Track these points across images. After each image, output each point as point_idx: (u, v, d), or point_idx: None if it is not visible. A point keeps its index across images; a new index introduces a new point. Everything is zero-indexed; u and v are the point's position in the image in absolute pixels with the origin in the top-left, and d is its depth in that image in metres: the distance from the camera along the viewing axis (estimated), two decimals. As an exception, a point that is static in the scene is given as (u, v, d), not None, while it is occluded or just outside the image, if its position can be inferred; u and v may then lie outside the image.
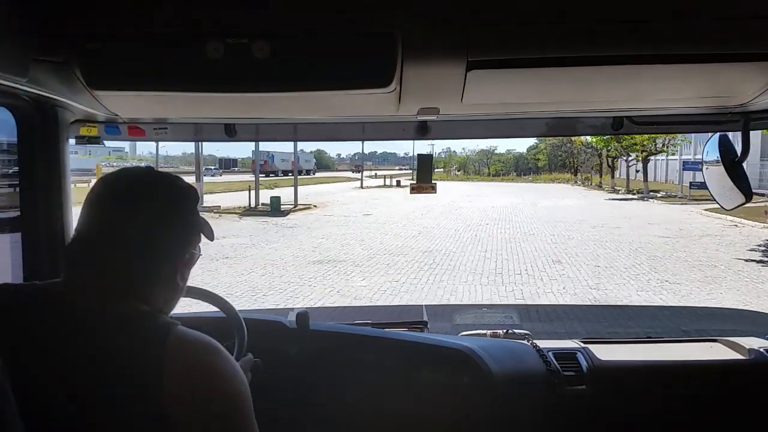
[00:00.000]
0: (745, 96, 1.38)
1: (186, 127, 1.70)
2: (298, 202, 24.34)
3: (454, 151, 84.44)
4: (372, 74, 1.07)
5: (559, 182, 56.18)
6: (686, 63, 1.11)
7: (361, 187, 43.66)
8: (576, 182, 52.44)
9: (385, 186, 46.12)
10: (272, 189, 33.02)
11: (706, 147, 1.59)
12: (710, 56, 1.10)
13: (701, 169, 1.68)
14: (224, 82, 1.07)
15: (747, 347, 1.90)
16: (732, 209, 1.55)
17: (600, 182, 42.74)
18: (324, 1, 1.01)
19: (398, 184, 45.67)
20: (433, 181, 1.86)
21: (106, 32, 1.03)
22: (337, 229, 15.83)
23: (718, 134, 1.58)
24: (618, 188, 38.84)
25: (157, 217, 0.98)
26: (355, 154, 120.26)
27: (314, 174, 62.87)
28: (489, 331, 2.11)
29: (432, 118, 1.60)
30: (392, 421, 1.73)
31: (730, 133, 1.64)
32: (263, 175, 53.68)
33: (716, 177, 1.57)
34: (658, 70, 1.16)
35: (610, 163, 39.06)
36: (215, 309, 1.54)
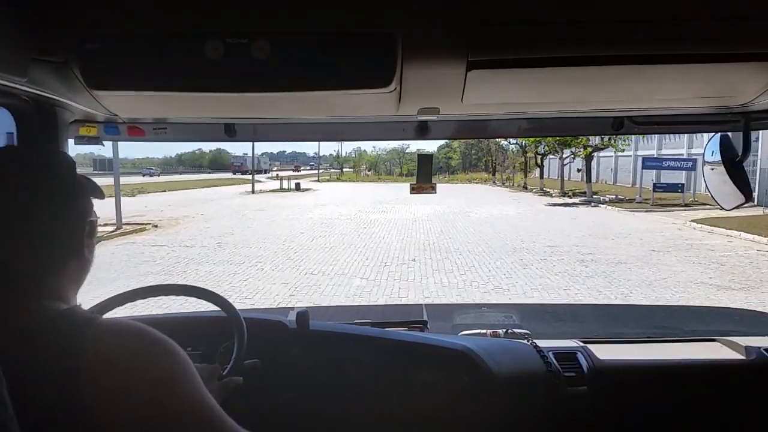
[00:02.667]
0: (746, 96, 1.37)
1: (186, 127, 1.70)
2: (143, 219, 18.79)
3: (365, 150, 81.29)
4: (372, 74, 1.06)
5: (476, 182, 57.65)
6: (687, 63, 1.10)
7: (252, 191, 39.12)
8: (495, 182, 52.54)
9: (281, 190, 37.14)
10: (133, 196, 23.43)
11: (706, 147, 1.61)
12: (711, 56, 1.09)
13: (703, 168, 1.68)
14: (224, 82, 1.06)
15: (747, 347, 1.92)
16: (731, 209, 1.58)
17: (525, 183, 42.54)
18: (324, 1, 1.01)
19: (297, 187, 37.22)
20: (435, 182, 1.87)
21: (105, 32, 1.03)
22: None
23: (718, 134, 1.59)
24: (547, 189, 36.45)
25: (41, 194, 0.91)
26: (263, 153, 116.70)
27: (269, 173, 66.93)
28: (489, 331, 2.10)
29: (432, 118, 1.61)
30: (392, 420, 1.74)
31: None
32: (240, 175, 58.95)
33: (716, 177, 1.56)
34: (659, 71, 1.15)
35: (538, 162, 32.98)
36: (215, 308, 1.53)
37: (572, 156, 32.02)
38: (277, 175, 61.34)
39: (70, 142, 1.61)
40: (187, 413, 0.87)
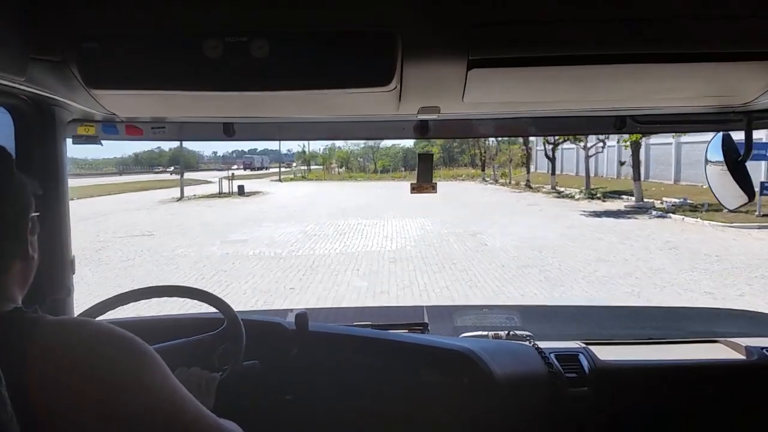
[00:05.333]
0: (749, 95, 1.39)
1: (184, 127, 1.72)
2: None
3: (339, 147, 73.47)
4: (372, 73, 1.06)
5: (463, 179, 48.17)
6: (689, 62, 1.11)
7: (180, 197, 29.44)
8: (485, 179, 43.20)
9: (219, 195, 26.78)
10: None
11: (709, 146, 1.63)
12: (713, 55, 1.09)
13: (705, 168, 1.67)
14: (223, 81, 1.06)
15: (748, 348, 1.94)
16: (735, 209, 1.61)
17: (528, 180, 33.45)
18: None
19: (240, 191, 27.20)
20: (428, 181, 1.77)
21: (103, 31, 1.04)
22: None
23: (721, 134, 1.62)
24: (560, 189, 27.92)
25: None
26: (233, 152, 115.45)
27: (267, 170, 71.76)
28: (490, 333, 2.11)
29: (432, 117, 1.62)
30: (393, 422, 1.74)
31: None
32: (249, 171, 64.15)
33: (719, 177, 1.58)
34: (661, 70, 1.16)
35: (548, 153, 23.92)
36: (213, 310, 1.57)
37: (602, 144, 23.22)
38: (233, 174, 51.72)
39: (69, 141, 1.61)
40: (148, 407, 0.84)
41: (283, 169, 72.84)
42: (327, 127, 1.72)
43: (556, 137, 27.69)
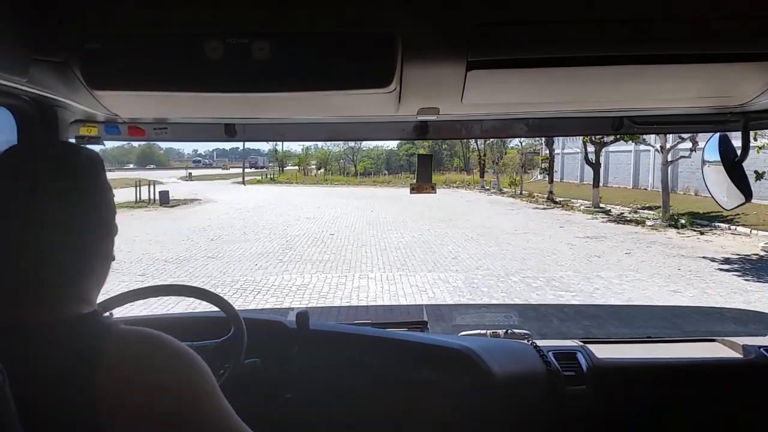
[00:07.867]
0: (745, 96, 1.37)
1: (186, 127, 1.70)
2: None
3: (319, 147, 67.53)
4: (372, 74, 1.04)
5: (457, 186, 38.99)
6: (686, 63, 1.10)
7: None
8: (485, 187, 34.99)
9: (135, 204, 25.09)
10: None
11: (706, 147, 1.61)
12: (710, 56, 1.08)
13: (702, 168, 1.66)
14: (224, 82, 1.05)
15: (745, 347, 1.93)
16: (732, 209, 1.57)
17: (551, 192, 25.11)
18: (324, 1, 1.01)
19: (163, 200, 26.98)
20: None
21: (105, 32, 1.03)
22: None
23: (718, 134, 1.60)
24: (603, 205, 19.93)
25: (79, 194, 0.89)
26: (214, 150, 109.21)
27: (266, 168, 68.75)
28: (489, 331, 2.09)
29: (432, 118, 1.62)
30: (392, 421, 1.72)
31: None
32: (253, 169, 65.02)
33: (716, 177, 1.56)
34: (658, 71, 1.15)
35: (590, 156, 14.18)
36: (215, 309, 1.56)
37: (691, 145, 14.92)
38: (190, 174, 42.39)
39: (71, 141, 1.61)
40: (207, 425, 0.84)
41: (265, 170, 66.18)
42: (327, 128, 1.71)
43: (604, 136, 19.76)
